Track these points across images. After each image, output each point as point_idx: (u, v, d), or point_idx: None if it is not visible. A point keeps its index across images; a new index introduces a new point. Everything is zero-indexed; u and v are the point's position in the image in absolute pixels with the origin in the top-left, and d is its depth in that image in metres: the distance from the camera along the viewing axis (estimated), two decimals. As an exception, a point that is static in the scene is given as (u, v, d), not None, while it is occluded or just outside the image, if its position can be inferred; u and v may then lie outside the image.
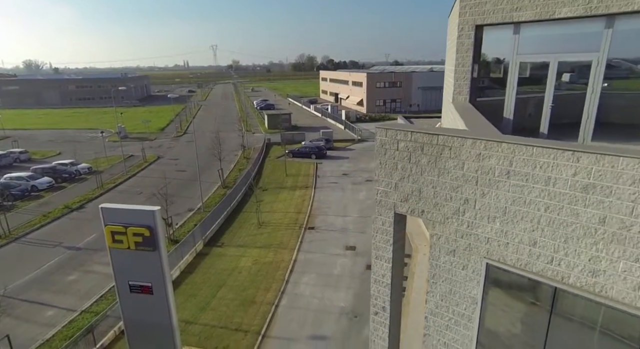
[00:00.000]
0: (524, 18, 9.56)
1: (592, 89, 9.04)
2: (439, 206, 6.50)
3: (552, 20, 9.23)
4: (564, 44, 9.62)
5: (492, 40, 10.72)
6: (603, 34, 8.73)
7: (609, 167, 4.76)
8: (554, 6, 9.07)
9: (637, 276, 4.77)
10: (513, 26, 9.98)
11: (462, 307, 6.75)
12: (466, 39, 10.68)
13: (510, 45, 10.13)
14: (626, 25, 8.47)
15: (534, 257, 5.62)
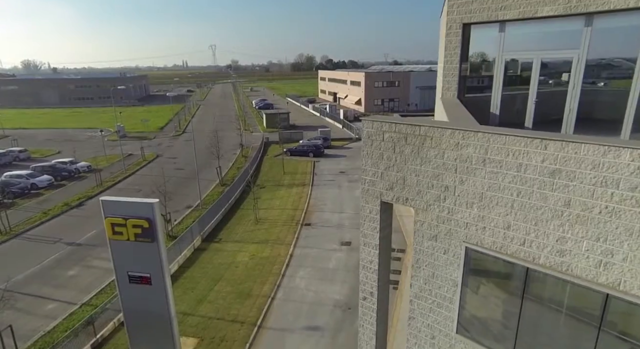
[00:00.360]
0: (509, 17, 9.93)
1: (574, 85, 9.42)
2: (422, 194, 6.88)
3: (535, 19, 9.60)
4: (546, 42, 10.00)
5: (480, 38, 11.10)
6: (583, 32, 9.11)
7: (573, 154, 5.15)
8: (536, 5, 9.45)
9: (598, 254, 5.16)
10: (499, 25, 10.33)
11: (444, 290, 7.13)
12: (454, 37, 11.05)
13: (496, 43, 10.51)
14: (604, 24, 8.86)
15: (508, 240, 6.01)
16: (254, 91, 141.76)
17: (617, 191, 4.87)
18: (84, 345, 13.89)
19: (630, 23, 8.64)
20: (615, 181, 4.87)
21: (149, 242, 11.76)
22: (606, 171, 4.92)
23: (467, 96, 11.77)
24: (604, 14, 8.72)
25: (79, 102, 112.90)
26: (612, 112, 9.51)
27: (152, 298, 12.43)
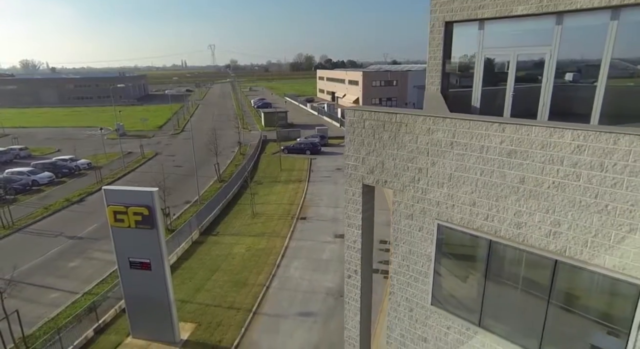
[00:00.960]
0: (487, 15, 10.57)
1: (547, 79, 10.06)
2: (399, 176, 7.53)
3: (510, 17, 10.25)
4: (522, 39, 10.65)
5: (462, 35, 11.74)
6: (554, 30, 9.76)
7: (525, 135, 5.80)
8: (511, 4, 10.09)
9: (547, 225, 5.81)
10: (478, 23, 10.96)
11: (419, 265, 7.77)
12: (437, 34, 11.68)
13: (476, 40, 11.14)
14: (573, 22, 9.51)
15: (474, 216, 6.66)
16: (252, 91, 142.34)
17: (562, 168, 5.52)
18: (87, 330, 14.50)
19: (596, 22, 9.29)
20: (560, 159, 5.52)
21: (148, 229, 12.47)
22: (552, 150, 5.58)
23: (451, 90, 12.44)
24: (573, 13, 9.38)
25: (78, 102, 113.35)
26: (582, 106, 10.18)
27: (152, 282, 13.12)
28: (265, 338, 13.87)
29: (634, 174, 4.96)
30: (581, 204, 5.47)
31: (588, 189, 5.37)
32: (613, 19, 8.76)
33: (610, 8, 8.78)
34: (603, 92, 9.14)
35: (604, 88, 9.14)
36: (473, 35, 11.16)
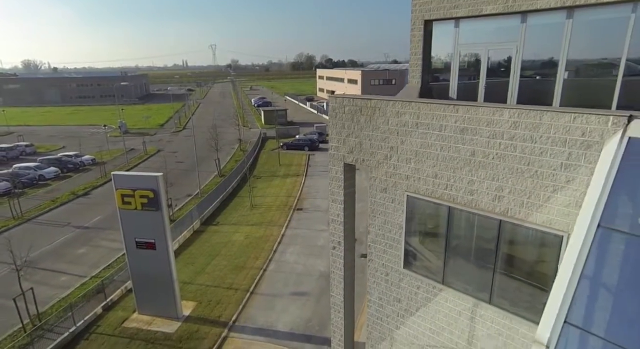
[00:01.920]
0: (460, 14, 11.63)
1: (514, 72, 11.13)
2: (374, 154, 8.61)
3: (481, 16, 11.31)
4: (492, 36, 11.70)
5: (440, 33, 12.81)
6: (519, 28, 10.82)
7: (474, 115, 6.87)
8: (481, 4, 11.15)
9: (493, 190, 6.88)
10: (454, 21, 12.04)
11: (393, 233, 8.85)
12: (417, 31, 12.74)
13: (452, 37, 12.20)
14: (535, 21, 10.57)
15: (436, 186, 7.73)
16: (253, 90, 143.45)
17: (502, 141, 6.60)
18: (96, 307, 15.61)
19: (554, 20, 10.35)
20: (501, 133, 6.59)
21: (153, 211, 13.59)
22: (495, 126, 6.65)
23: (432, 83, 13.50)
24: (534, 12, 10.45)
25: (81, 101, 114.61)
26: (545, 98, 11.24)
27: (156, 261, 14.23)
28: (261, 314, 14.96)
29: (555, 144, 6.04)
30: (518, 171, 6.54)
31: (522, 158, 6.44)
32: (568, 18, 9.82)
33: (565, 8, 9.83)
34: (562, 85, 10.22)
35: (562, 81, 10.22)
36: (450, 33, 12.25)
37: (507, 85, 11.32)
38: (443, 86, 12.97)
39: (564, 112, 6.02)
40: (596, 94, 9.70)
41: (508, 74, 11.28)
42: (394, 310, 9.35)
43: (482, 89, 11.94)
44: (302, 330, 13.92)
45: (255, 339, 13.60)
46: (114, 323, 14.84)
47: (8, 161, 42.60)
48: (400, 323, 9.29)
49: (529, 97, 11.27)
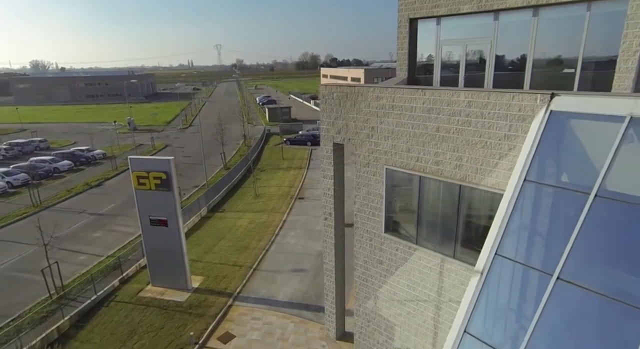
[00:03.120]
0: (441, 13, 12.95)
1: (489, 65, 12.44)
2: (358, 134, 9.99)
3: (459, 15, 12.63)
4: (469, 33, 13.00)
5: (424, 30, 14.13)
6: (492, 25, 12.13)
7: (438, 97, 8.23)
8: (458, 4, 12.46)
9: (454, 160, 8.23)
10: (435, 19, 13.36)
11: (375, 202, 10.23)
12: (403, 29, 14.07)
13: (435, 34, 13.52)
14: (506, 18, 11.87)
15: (409, 159, 9.10)
16: (258, 89, 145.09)
17: (460, 118, 7.94)
18: (113, 280, 17.15)
19: (522, 18, 11.64)
20: (459, 112, 7.94)
21: (166, 191, 15.08)
22: (454, 106, 8.00)
23: (418, 76, 14.83)
24: (505, 11, 11.75)
25: (89, 100, 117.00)
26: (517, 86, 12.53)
27: (168, 237, 15.73)
28: (263, 287, 16.40)
29: (499, 118, 7.38)
30: (472, 142, 7.89)
31: (475, 131, 7.79)
32: (534, 16, 11.13)
33: (531, 7, 11.13)
34: (530, 76, 11.52)
35: (531, 72, 11.52)
36: (433, 30, 13.57)
37: (484, 77, 12.64)
38: (428, 79, 14.30)
39: (505, 92, 7.37)
40: (559, 83, 10.92)
41: (484, 66, 12.61)
42: (377, 271, 10.72)
43: (462, 80, 13.27)
44: (300, 300, 15.34)
45: (257, 307, 15.03)
46: (130, 293, 16.34)
47: (23, 155, 44.50)
48: (382, 282, 10.66)
49: (504, 88, 12.56)
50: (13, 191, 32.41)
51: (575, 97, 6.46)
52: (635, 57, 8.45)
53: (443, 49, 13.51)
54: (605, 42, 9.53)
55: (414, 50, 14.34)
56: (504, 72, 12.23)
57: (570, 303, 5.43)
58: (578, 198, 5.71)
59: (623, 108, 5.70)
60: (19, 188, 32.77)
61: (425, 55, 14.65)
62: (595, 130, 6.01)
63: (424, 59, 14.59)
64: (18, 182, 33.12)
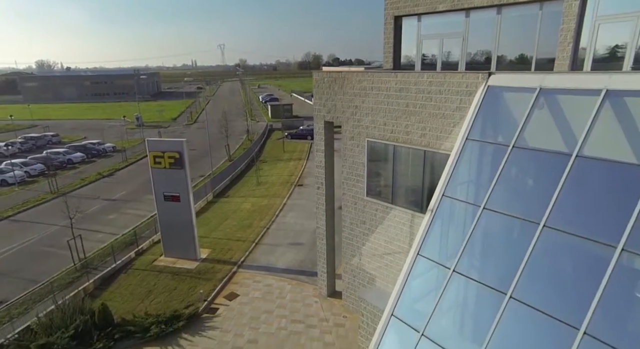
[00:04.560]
0: (420, 11, 14.76)
1: (462, 57, 14.23)
2: (344, 112, 11.83)
3: (436, 13, 14.43)
4: (446, 29, 14.80)
5: (408, 26, 15.93)
6: (464, 22, 13.93)
7: (407, 78, 10.06)
8: (435, 3, 14.27)
9: (420, 130, 10.05)
10: (416, 16, 15.17)
11: (358, 170, 12.06)
12: (389, 25, 15.89)
13: (416, 30, 15.32)
14: (475, 16, 13.66)
15: (385, 132, 10.93)
16: (261, 88, 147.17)
17: (422, 94, 9.77)
18: (130, 252, 19.08)
19: (488, 16, 13.43)
20: (422, 90, 9.76)
21: (179, 169, 16.99)
22: (419, 85, 9.82)
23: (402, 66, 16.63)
24: (474, 9, 13.54)
25: (96, 98, 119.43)
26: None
27: (180, 211, 17.63)
28: (264, 257, 18.27)
29: (453, 94, 9.20)
30: (433, 114, 9.71)
31: (435, 105, 9.61)
32: (498, 14, 12.93)
33: (495, 6, 12.93)
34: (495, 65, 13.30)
35: (496, 62, 13.31)
36: (414, 26, 15.38)
37: (457, 67, 14.44)
38: (410, 69, 16.11)
39: (456, 73, 9.19)
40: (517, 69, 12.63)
41: (458, 59, 14.40)
42: (361, 231, 12.56)
43: (439, 70, 15.06)
44: (297, 267, 17.20)
45: (259, 273, 16.89)
46: (146, 262, 18.23)
47: (37, 148, 46.61)
48: (365, 240, 12.50)
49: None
50: (30, 179, 34.47)
51: (506, 75, 8.29)
52: (569, 47, 10.26)
53: (423, 43, 15.33)
54: (553, 37, 11.32)
55: (398, 44, 16.15)
56: (474, 63, 14.02)
57: (494, 226, 7.25)
58: (503, 150, 7.54)
59: (536, 82, 7.51)
60: (35, 177, 34.86)
61: (408, 49, 16.48)
62: (518, 99, 7.82)
63: (407, 52, 16.43)
64: (35, 172, 35.19)
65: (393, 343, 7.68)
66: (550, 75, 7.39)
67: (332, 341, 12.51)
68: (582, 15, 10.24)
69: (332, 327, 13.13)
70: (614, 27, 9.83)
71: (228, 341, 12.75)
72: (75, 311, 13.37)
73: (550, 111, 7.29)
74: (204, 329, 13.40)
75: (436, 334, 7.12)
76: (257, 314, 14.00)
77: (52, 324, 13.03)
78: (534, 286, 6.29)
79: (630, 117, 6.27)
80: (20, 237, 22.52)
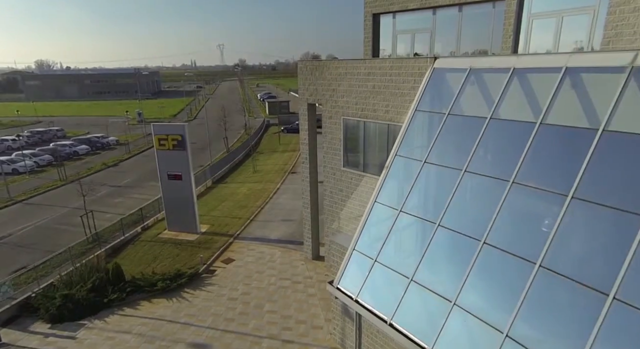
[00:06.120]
0: (394, 9, 16.74)
1: (430, 50, 16.23)
2: (324, 95, 13.84)
3: (408, 11, 16.43)
4: (417, 25, 16.78)
5: (384, 22, 17.91)
6: (432, 19, 15.92)
7: (374, 64, 12.06)
8: (407, 2, 16.26)
9: (385, 108, 12.05)
10: (392, 14, 17.17)
11: (336, 145, 14.06)
12: (368, 22, 17.86)
13: (392, 26, 17.30)
14: (441, 14, 15.65)
15: (357, 110, 12.93)
16: (260, 87, 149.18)
17: (385, 77, 11.76)
18: (137, 227, 21.07)
19: (451, 13, 15.42)
20: (385, 73, 11.75)
21: (181, 150, 19.00)
22: (383, 70, 11.82)
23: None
24: (440, 7, 15.54)
25: (97, 96, 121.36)
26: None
27: (182, 189, 19.64)
28: (258, 231, 20.27)
29: (409, 75, 11.20)
30: (394, 93, 11.71)
31: (396, 86, 11.61)
32: (460, 12, 14.92)
33: (456, 5, 14.92)
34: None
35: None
36: (390, 23, 17.37)
37: (429, 58, 16.39)
38: (388, 61, 18.05)
39: (412, 58, 11.19)
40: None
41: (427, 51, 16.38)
42: (339, 198, 14.56)
43: (412, 61, 17.03)
44: (287, 238, 19.22)
45: (253, 243, 18.89)
46: (151, 235, 20.22)
47: (43, 142, 48.53)
48: (342, 205, 14.48)
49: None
50: (39, 169, 36.45)
51: (447, 59, 10.30)
52: (510, 39, 12.27)
53: (398, 38, 17.34)
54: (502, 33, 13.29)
55: (377, 39, 18.13)
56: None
57: (431, 175, 9.26)
58: (441, 117, 9.55)
59: (467, 63, 9.52)
60: (44, 167, 36.83)
61: (385, 43, 18.46)
62: (455, 77, 9.83)
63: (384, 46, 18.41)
64: (43, 162, 37.18)
65: (354, 269, 9.70)
66: (476, 58, 9.42)
67: (314, 292, 14.52)
68: (520, 13, 12.27)
69: (315, 282, 15.15)
70: (543, 23, 11.86)
71: (224, 293, 14.75)
72: (92, 269, 15.36)
73: (477, 85, 9.31)
74: (203, 285, 15.40)
75: (386, 260, 9.14)
76: (250, 274, 16.01)
77: (71, 281, 15.02)
78: (453, 214, 8.31)
79: (531, 89, 8.27)
80: (35, 217, 24.51)
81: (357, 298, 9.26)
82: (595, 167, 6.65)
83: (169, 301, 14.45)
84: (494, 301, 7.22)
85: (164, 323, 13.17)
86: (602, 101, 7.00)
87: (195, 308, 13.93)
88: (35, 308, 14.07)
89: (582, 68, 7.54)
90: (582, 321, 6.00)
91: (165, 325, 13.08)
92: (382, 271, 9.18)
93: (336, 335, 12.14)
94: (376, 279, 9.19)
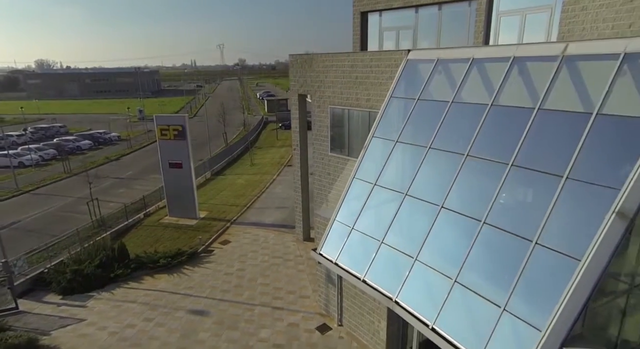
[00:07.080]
0: (380, 7, 17.98)
1: (414, 44, 17.47)
2: (313, 86, 15.09)
3: (392, 9, 17.67)
4: (401, 22, 18.02)
5: (372, 20, 19.16)
6: (415, 17, 17.16)
7: (356, 57, 13.30)
8: (391, 1, 17.52)
9: (366, 96, 13.28)
10: (378, 12, 18.41)
11: (324, 132, 15.31)
12: (357, 20, 19.11)
13: (378, 24, 18.54)
14: (423, 12, 16.90)
15: (342, 99, 14.17)
16: (259, 86, 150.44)
17: (367, 69, 12.99)
18: (140, 213, 22.32)
19: (432, 11, 16.66)
20: (366, 65, 12.99)
21: (181, 140, 20.23)
22: (365, 62, 13.05)
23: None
24: (422, 6, 16.79)
25: (98, 95, 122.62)
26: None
27: (183, 177, 20.88)
28: (253, 216, 21.54)
29: (387, 67, 12.44)
30: (374, 83, 12.94)
31: (376, 77, 12.85)
32: (439, 10, 16.16)
33: (437, 4, 16.15)
34: (438, 50, 16.49)
35: (438, 47, 16.50)
36: (377, 21, 18.61)
37: (412, 54, 17.63)
38: (375, 56, 19.28)
39: (389, 51, 12.43)
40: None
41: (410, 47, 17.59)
42: (327, 181, 15.81)
43: (396, 56, 18.28)
44: (281, 223, 20.50)
45: (249, 227, 20.15)
46: (153, 220, 21.48)
47: (46, 138, 49.82)
48: (330, 188, 15.73)
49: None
50: (44, 163, 37.70)
51: (419, 51, 11.55)
52: (482, 34, 13.52)
53: (384, 34, 18.57)
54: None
55: (365, 36, 19.37)
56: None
57: (403, 153, 10.51)
58: (412, 102, 10.80)
59: (435, 55, 10.77)
60: (49, 161, 38.08)
61: (372, 40, 19.69)
62: (425, 67, 11.08)
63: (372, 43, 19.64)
64: (48, 156, 38.43)
65: (335, 237, 10.96)
66: (443, 50, 10.67)
67: (304, 268, 15.78)
68: (489, 11, 13.52)
69: (305, 260, 16.40)
70: (510, 20, 13.11)
71: (221, 269, 16.01)
72: (99, 248, 16.61)
73: (443, 74, 10.56)
74: (202, 263, 16.66)
75: (361, 227, 10.40)
76: (245, 253, 17.26)
77: (80, 258, 16.27)
78: (419, 184, 9.56)
79: (487, 75, 9.52)
80: (41, 206, 25.76)
81: (337, 261, 10.51)
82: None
83: (170, 276, 15.70)
84: (444, 255, 8.47)
85: (165, 294, 14.42)
86: (540, 84, 8.25)
87: (194, 282, 15.18)
88: (48, 281, 15.32)
89: (526, 57, 8.80)
90: (512, 263, 7.26)
91: (166, 296, 14.32)
92: (357, 236, 10.44)
93: (320, 302, 13.40)
94: (352, 244, 10.45)
